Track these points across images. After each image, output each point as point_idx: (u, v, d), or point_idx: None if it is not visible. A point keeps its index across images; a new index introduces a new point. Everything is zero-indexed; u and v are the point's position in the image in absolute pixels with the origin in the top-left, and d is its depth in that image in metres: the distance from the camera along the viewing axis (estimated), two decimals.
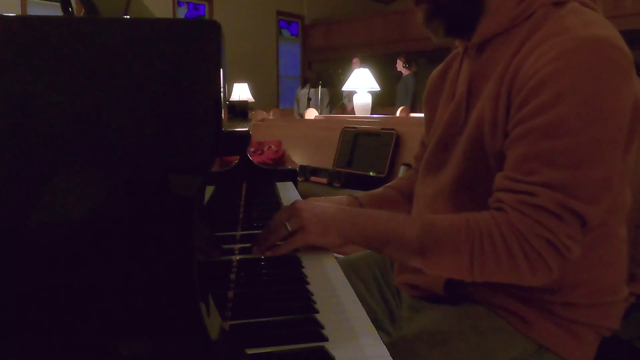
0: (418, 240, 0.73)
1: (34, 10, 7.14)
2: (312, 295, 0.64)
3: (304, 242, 0.78)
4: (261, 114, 4.78)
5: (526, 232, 0.67)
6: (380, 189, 1.11)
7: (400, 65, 6.57)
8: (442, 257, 0.72)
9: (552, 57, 0.68)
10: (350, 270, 0.99)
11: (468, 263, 0.70)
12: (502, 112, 0.74)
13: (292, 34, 11.18)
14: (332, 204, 0.94)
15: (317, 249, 0.80)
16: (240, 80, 6.55)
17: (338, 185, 2.81)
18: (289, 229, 0.77)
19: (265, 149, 3.32)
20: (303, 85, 7.34)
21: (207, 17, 9.30)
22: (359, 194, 1.06)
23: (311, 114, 4.66)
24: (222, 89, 0.41)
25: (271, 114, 5.75)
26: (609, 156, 0.67)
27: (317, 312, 0.59)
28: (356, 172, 2.73)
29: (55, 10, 6.07)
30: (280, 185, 1.33)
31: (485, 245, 0.69)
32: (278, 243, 0.78)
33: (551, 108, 0.67)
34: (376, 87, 4.84)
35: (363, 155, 2.75)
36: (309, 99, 6.15)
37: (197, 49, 0.40)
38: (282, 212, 0.81)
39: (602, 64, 0.67)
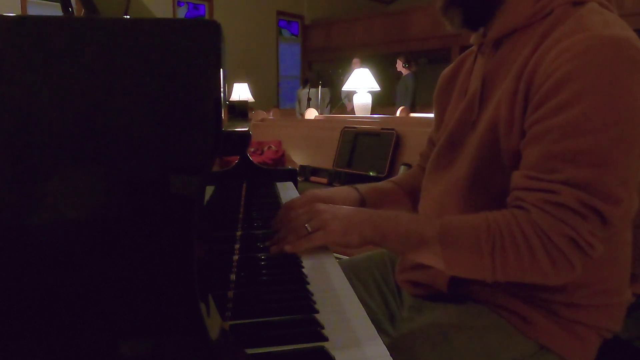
0: (439, 242, 0.73)
1: (34, 10, 7.14)
2: (312, 295, 0.64)
3: (325, 240, 0.78)
4: (261, 114, 4.78)
5: (549, 230, 0.66)
6: (383, 183, 1.11)
7: (400, 65, 6.57)
8: (463, 258, 0.72)
9: (571, 55, 0.68)
10: (350, 272, 0.99)
11: (490, 262, 0.69)
12: (518, 110, 0.74)
13: (292, 34, 11.19)
14: (337, 196, 0.97)
15: (317, 248, 0.80)
16: (240, 80, 6.55)
17: (338, 185, 2.81)
18: (309, 229, 0.78)
19: (265, 149, 3.32)
20: (304, 85, 7.34)
21: (207, 17, 9.30)
22: (361, 185, 1.05)
23: (311, 114, 4.66)
24: (222, 89, 0.41)
25: (271, 114, 5.75)
26: (628, 155, 0.67)
27: (317, 312, 0.59)
28: (356, 172, 2.74)
29: (55, 10, 6.07)
30: (280, 185, 1.33)
31: (506, 244, 0.68)
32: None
33: (571, 106, 0.67)
34: (376, 87, 4.85)
35: (363, 155, 2.75)
36: (309, 99, 6.15)
37: (197, 49, 0.40)
38: (301, 213, 0.81)
39: (621, 63, 0.66)
